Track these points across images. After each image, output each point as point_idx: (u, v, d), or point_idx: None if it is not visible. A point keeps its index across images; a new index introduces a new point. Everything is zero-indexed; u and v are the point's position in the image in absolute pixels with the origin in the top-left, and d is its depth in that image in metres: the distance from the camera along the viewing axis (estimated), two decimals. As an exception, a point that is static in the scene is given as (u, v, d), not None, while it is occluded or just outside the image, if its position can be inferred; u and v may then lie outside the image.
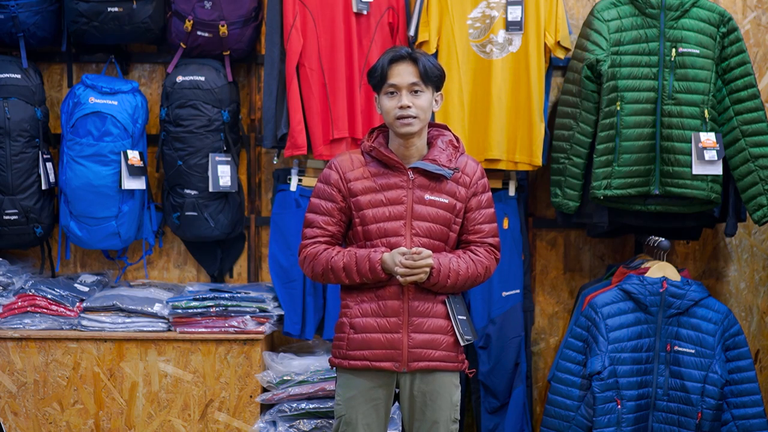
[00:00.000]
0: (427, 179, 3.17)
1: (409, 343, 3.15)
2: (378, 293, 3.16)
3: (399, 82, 3.13)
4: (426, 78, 3.14)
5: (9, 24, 4.12)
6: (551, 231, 4.56)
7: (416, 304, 3.16)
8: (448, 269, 3.12)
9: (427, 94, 3.16)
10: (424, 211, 3.16)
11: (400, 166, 3.17)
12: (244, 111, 4.47)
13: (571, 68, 4.15)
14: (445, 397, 3.22)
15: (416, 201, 3.16)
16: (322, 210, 3.21)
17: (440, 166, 3.16)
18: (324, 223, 3.20)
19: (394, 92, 3.14)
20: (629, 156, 4.04)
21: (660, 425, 3.93)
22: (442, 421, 3.21)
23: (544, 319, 4.56)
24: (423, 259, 3.09)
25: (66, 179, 4.19)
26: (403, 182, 3.17)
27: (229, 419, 4.08)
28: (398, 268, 3.09)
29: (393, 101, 3.13)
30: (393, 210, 3.15)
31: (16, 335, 4.05)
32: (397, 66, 3.14)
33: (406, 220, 3.15)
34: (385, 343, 3.16)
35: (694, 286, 3.92)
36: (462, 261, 3.17)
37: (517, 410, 4.27)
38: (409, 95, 3.13)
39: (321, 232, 3.20)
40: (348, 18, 4.21)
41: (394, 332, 3.15)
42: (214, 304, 4.10)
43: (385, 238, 3.15)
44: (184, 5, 4.16)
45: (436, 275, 3.11)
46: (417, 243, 3.15)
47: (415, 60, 3.14)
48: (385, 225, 3.15)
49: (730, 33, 4.06)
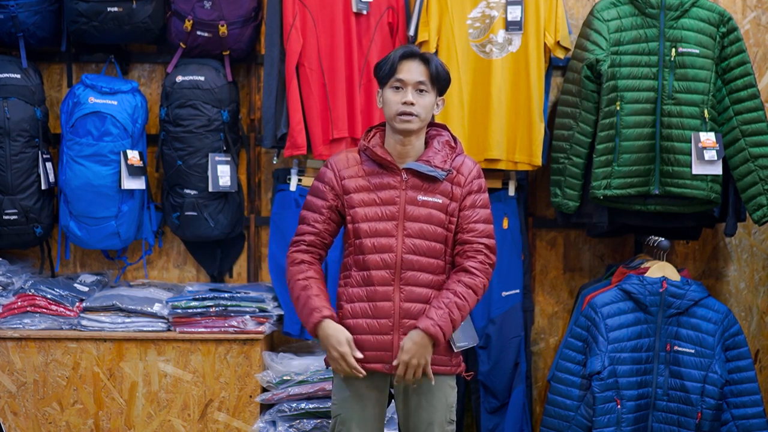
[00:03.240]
0: (420, 180, 3.15)
1: (399, 345, 3.12)
2: (370, 294, 3.14)
3: (407, 78, 3.12)
4: (434, 80, 3.14)
5: (9, 24, 4.12)
6: (551, 231, 4.56)
7: (408, 305, 3.13)
8: (449, 322, 3.09)
9: (431, 95, 3.15)
10: (416, 212, 3.14)
11: (393, 167, 3.16)
12: (244, 111, 4.47)
13: (571, 68, 4.15)
14: (440, 399, 3.20)
15: (409, 202, 3.14)
16: (313, 207, 3.22)
17: (433, 168, 3.13)
18: (313, 220, 3.21)
19: (400, 87, 3.13)
20: (629, 156, 4.04)
21: (660, 425, 3.93)
22: (437, 422, 3.19)
23: (543, 319, 4.56)
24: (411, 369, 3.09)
25: (66, 179, 4.19)
26: (397, 183, 3.15)
27: (228, 419, 4.08)
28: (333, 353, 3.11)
29: (397, 96, 3.12)
30: (385, 210, 3.14)
31: (16, 335, 4.05)
32: (407, 62, 3.13)
33: (398, 221, 3.14)
34: (375, 345, 3.14)
35: (694, 286, 3.92)
36: (457, 298, 3.11)
37: (517, 410, 4.27)
38: (414, 93, 3.12)
39: (309, 229, 3.21)
40: (348, 18, 4.21)
41: (384, 334, 3.13)
42: (213, 304, 4.09)
43: (375, 238, 3.13)
44: (183, 5, 4.16)
45: (441, 337, 3.09)
46: (409, 244, 3.12)
47: (426, 60, 3.14)
48: (376, 225, 3.14)
49: (729, 33, 4.06)
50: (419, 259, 3.13)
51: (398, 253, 3.13)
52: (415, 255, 3.12)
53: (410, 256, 3.12)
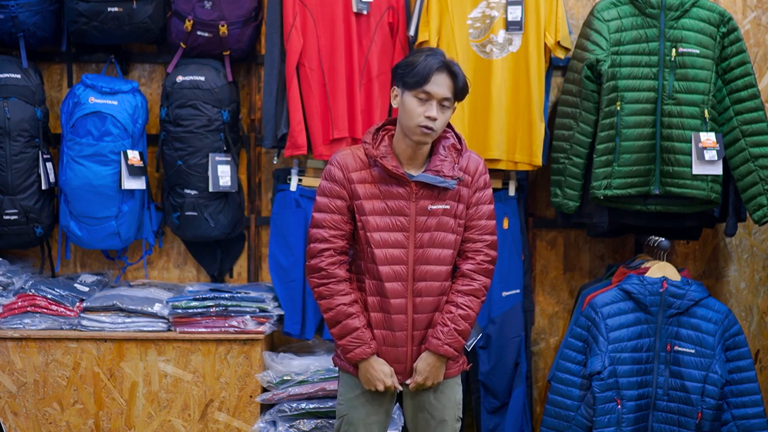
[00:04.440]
0: (430, 190, 3.14)
1: (413, 356, 3.17)
2: (384, 305, 3.14)
3: (435, 91, 3.05)
4: (458, 95, 3.10)
5: (9, 24, 4.12)
6: (551, 231, 4.56)
7: (420, 317, 3.16)
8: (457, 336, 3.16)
9: (451, 110, 3.12)
10: (427, 222, 3.14)
11: (404, 179, 3.12)
12: (244, 111, 4.47)
13: (571, 68, 4.15)
14: (450, 397, 3.24)
15: (419, 212, 3.13)
16: (332, 208, 3.14)
17: (444, 178, 3.11)
18: (336, 223, 3.14)
19: (426, 99, 3.06)
20: (629, 156, 4.04)
21: (660, 425, 3.93)
22: (449, 419, 3.24)
23: (544, 319, 4.56)
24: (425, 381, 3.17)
25: (66, 179, 4.19)
26: (406, 194, 3.13)
27: (229, 419, 4.08)
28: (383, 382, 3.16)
29: (422, 108, 3.06)
30: (396, 221, 3.13)
31: (16, 335, 4.05)
32: (439, 75, 3.06)
33: (409, 232, 3.14)
34: (390, 356, 3.17)
35: (694, 286, 3.92)
36: (460, 310, 3.16)
37: (517, 410, 4.27)
38: (438, 107, 3.07)
39: (336, 233, 3.14)
40: (348, 18, 4.21)
41: (399, 346, 3.16)
42: (214, 304, 4.09)
43: (387, 249, 3.12)
44: (184, 5, 4.16)
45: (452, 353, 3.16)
46: (420, 254, 3.13)
47: (454, 75, 3.08)
48: (388, 236, 3.13)
49: (730, 33, 4.06)
50: (430, 269, 3.14)
51: (410, 264, 3.13)
52: (426, 265, 3.14)
53: (421, 267, 3.14)
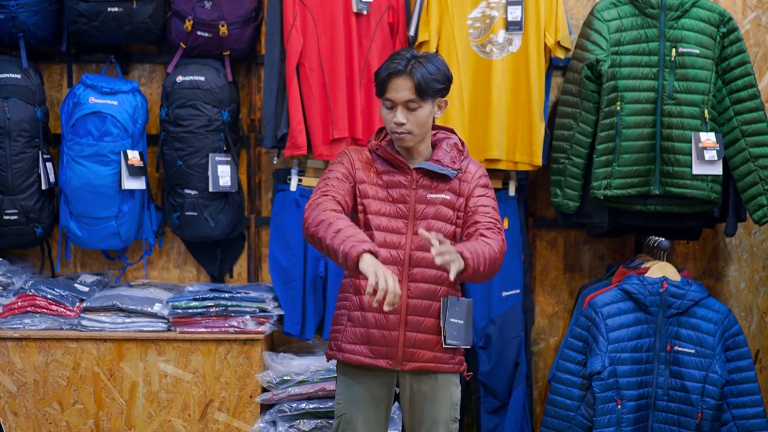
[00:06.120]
0: (430, 179, 3.18)
1: (404, 341, 3.15)
2: None
3: (395, 97, 3.08)
4: (422, 93, 3.07)
5: (9, 24, 4.12)
6: (551, 231, 4.56)
7: (416, 302, 3.15)
8: (477, 254, 2.98)
9: (424, 107, 3.10)
10: (426, 211, 3.16)
11: (404, 166, 3.18)
12: (244, 111, 4.47)
13: (571, 68, 4.15)
14: (445, 397, 3.22)
15: (419, 201, 3.16)
16: (336, 176, 3.14)
17: (444, 167, 3.16)
18: (337, 183, 3.12)
19: (391, 106, 3.10)
20: (629, 156, 4.04)
21: (660, 425, 3.93)
22: (442, 420, 3.21)
23: (544, 319, 4.56)
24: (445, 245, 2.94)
25: (66, 179, 4.19)
26: (407, 182, 3.17)
27: (229, 419, 4.08)
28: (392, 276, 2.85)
29: (390, 114, 3.11)
30: (397, 207, 3.16)
31: (16, 335, 4.05)
32: (395, 80, 3.07)
33: (408, 220, 3.16)
34: (381, 340, 3.15)
35: (694, 286, 3.92)
36: (479, 245, 3.03)
37: (517, 410, 4.27)
38: (404, 111, 3.08)
39: (335, 188, 3.10)
40: (348, 18, 4.21)
41: (392, 329, 3.15)
42: (214, 304, 4.10)
43: (385, 233, 3.14)
44: (184, 5, 4.16)
45: (470, 260, 2.95)
46: (417, 242, 3.15)
47: (411, 75, 3.06)
48: (388, 222, 3.15)
49: (730, 33, 4.06)
50: (427, 256, 3.13)
51: (407, 250, 3.15)
52: (423, 251, 3.13)
53: (418, 253, 3.14)
